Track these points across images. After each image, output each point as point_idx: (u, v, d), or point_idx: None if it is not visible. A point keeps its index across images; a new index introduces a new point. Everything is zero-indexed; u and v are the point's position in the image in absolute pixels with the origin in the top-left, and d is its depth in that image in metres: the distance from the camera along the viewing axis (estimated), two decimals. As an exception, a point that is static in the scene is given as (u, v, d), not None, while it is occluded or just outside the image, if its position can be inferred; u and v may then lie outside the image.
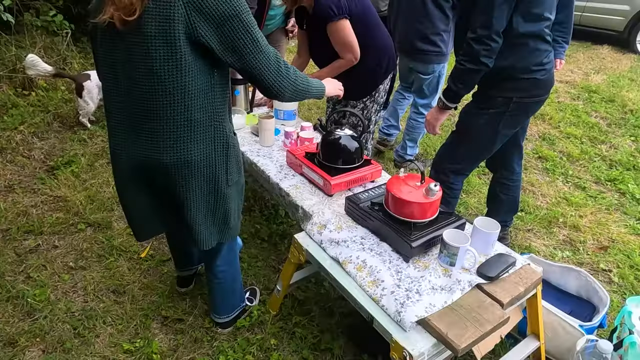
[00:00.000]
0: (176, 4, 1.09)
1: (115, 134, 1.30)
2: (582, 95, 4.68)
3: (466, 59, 1.66)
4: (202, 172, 1.31)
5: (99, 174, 2.81)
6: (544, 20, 1.70)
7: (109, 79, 1.24)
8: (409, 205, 1.44)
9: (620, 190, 2.98)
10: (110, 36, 1.18)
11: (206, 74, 1.21)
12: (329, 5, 1.96)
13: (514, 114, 1.84)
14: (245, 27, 1.15)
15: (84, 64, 4.25)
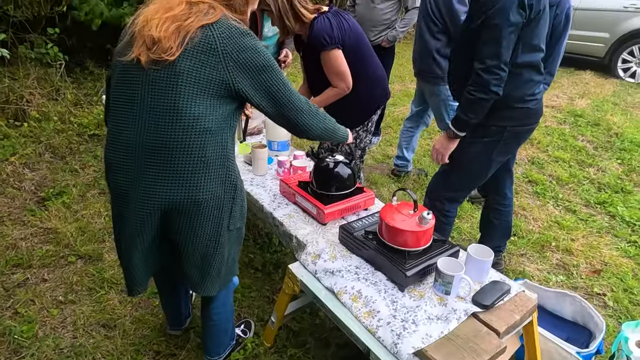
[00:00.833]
0: (215, 53, 1.17)
1: (119, 170, 1.26)
2: (568, 119, 4.79)
3: (476, 89, 1.68)
4: (209, 212, 1.28)
5: (90, 205, 2.78)
6: (539, 52, 1.76)
7: (123, 114, 1.24)
8: (403, 234, 1.45)
9: (610, 213, 3.01)
10: (133, 71, 1.21)
11: (226, 116, 1.25)
12: (322, 34, 2.00)
13: (507, 142, 1.88)
14: (277, 76, 1.27)
15: (77, 94, 4.27)
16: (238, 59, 1.20)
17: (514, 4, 1.57)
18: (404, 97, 5.32)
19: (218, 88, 1.20)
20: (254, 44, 1.23)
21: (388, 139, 4.12)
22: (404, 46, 7.53)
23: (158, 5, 1.21)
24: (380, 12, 3.39)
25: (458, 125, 1.81)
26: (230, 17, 1.23)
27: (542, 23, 1.71)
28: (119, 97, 1.25)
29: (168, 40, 1.15)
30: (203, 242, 1.32)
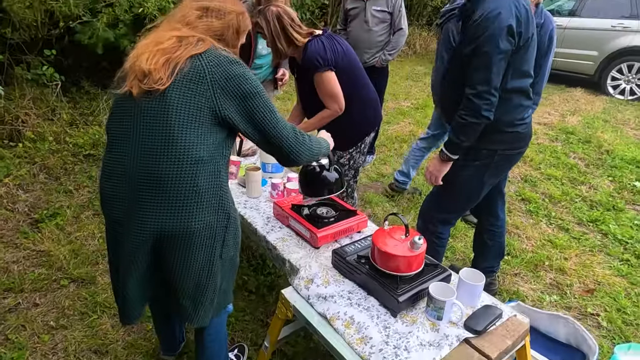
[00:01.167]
0: (204, 80, 1.20)
1: (114, 201, 1.27)
2: (560, 136, 4.85)
3: (468, 114, 1.72)
4: (202, 242, 1.28)
5: (84, 226, 2.78)
6: (528, 77, 1.81)
7: (118, 145, 1.26)
8: (395, 259, 1.46)
9: (602, 231, 3.04)
10: (126, 104, 1.24)
11: (217, 144, 1.26)
12: (315, 56, 2.04)
13: (498, 165, 1.91)
14: (264, 103, 1.28)
15: (72, 114, 4.29)
16: (225, 86, 1.22)
17: (504, 32, 1.62)
18: (398, 115, 5.38)
19: (207, 116, 1.22)
20: (242, 71, 1.26)
21: (382, 158, 4.15)
22: (397, 64, 7.65)
23: (149, 40, 1.25)
24: (375, 34, 3.45)
25: (451, 148, 1.84)
26: (219, 47, 1.27)
27: (531, 50, 1.76)
28: (114, 129, 1.27)
29: (158, 72, 1.18)
30: (196, 272, 1.32)
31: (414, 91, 6.47)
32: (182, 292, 1.34)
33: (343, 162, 2.33)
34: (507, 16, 1.61)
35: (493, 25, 1.61)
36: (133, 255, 1.28)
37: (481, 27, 1.64)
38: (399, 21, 3.46)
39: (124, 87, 1.23)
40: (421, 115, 5.38)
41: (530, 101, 1.86)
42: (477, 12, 1.67)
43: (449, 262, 2.65)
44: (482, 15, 1.64)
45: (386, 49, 3.52)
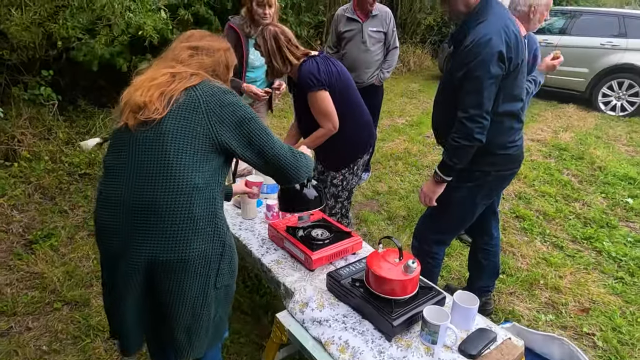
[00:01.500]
0: (199, 110, 1.24)
1: (110, 232, 1.27)
2: (553, 153, 4.90)
3: (460, 137, 1.74)
4: (196, 270, 1.28)
5: (78, 247, 2.76)
6: (519, 101, 1.84)
7: (113, 176, 1.27)
8: (390, 283, 1.46)
9: (596, 249, 3.05)
10: (122, 136, 1.27)
11: (213, 171, 1.29)
12: (308, 76, 2.08)
13: (491, 186, 1.94)
14: (259, 126, 1.32)
15: (69, 133, 4.31)
16: (221, 114, 1.27)
17: (494, 58, 1.65)
18: (392, 132, 5.43)
19: (204, 143, 1.25)
20: (235, 100, 1.31)
21: (378, 175, 4.18)
22: (392, 81, 7.74)
23: (144, 77, 1.30)
24: (372, 54, 3.51)
25: (444, 170, 1.86)
26: (212, 80, 1.32)
27: (521, 75, 1.80)
28: (110, 161, 1.29)
29: (154, 103, 1.21)
30: (191, 301, 1.31)
31: (409, 108, 6.54)
32: (177, 322, 1.33)
33: (336, 182, 2.35)
34: (497, 42, 1.65)
35: (484, 51, 1.65)
36: (128, 282, 1.28)
37: (473, 52, 1.68)
38: (393, 40, 3.53)
39: (120, 122, 1.26)
40: (416, 132, 5.43)
41: (521, 124, 1.89)
42: (469, 38, 1.71)
43: (444, 282, 2.65)
44: (474, 41, 1.68)
45: (383, 67, 3.58)
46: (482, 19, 1.71)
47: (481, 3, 1.74)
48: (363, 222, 3.32)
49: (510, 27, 1.70)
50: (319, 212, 2.09)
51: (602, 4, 13.81)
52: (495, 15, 1.71)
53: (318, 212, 2.08)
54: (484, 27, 1.69)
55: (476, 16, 1.73)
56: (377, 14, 3.43)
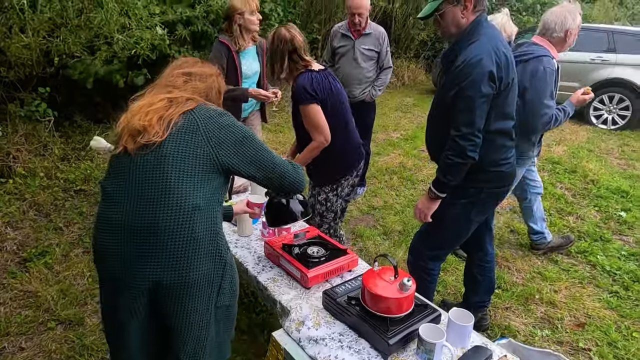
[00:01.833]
0: (199, 132, 1.27)
1: (111, 256, 1.27)
2: (547, 166, 4.95)
3: (453, 154, 1.77)
4: (200, 291, 1.29)
5: (73, 265, 2.75)
6: (511, 119, 1.88)
7: (113, 201, 1.28)
8: (385, 301, 1.47)
9: (590, 262, 3.07)
10: (121, 160, 1.29)
11: (214, 191, 1.31)
12: (301, 88, 2.12)
13: (484, 202, 1.96)
14: (257, 143, 1.37)
15: (64, 149, 4.31)
16: (219, 136, 1.31)
17: (485, 77, 1.69)
18: (387, 146, 5.47)
19: (204, 164, 1.28)
20: (231, 121, 1.36)
21: (373, 190, 4.20)
22: (386, 95, 7.83)
23: (142, 103, 1.33)
24: (364, 70, 3.56)
25: (438, 187, 1.88)
26: (207, 103, 1.37)
27: (512, 94, 1.84)
28: (109, 185, 1.30)
29: (153, 127, 1.24)
30: (197, 321, 1.31)
31: (403, 122, 6.60)
32: (183, 342, 1.32)
33: (320, 200, 2.36)
34: (488, 63, 1.69)
35: (475, 71, 1.69)
36: (132, 306, 1.28)
37: (464, 72, 1.72)
38: (387, 60, 3.59)
39: (118, 147, 1.28)
40: (410, 146, 5.47)
41: (513, 142, 1.92)
42: (460, 58, 1.75)
43: (440, 297, 2.65)
44: (465, 61, 1.72)
45: (375, 84, 3.63)
46: (474, 39, 1.75)
47: (472, 24, 1.78)
48: (359, 238, 3.33)
49: (500, 48, 1.75)
50: (315, 230, 2.10)
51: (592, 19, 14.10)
52: (486, 36, 1.75)
53: (314, 229, 2.09)
54: (475, 47, 1.73)
55: (467, 37, 1.77)
56: (370, 32, 3.49)
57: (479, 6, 1.77)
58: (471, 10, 1.76)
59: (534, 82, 2.44)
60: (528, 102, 2.46)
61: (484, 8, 1.80)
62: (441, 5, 1.78)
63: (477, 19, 1.77)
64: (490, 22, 1.85)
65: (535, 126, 2.50)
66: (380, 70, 3.62)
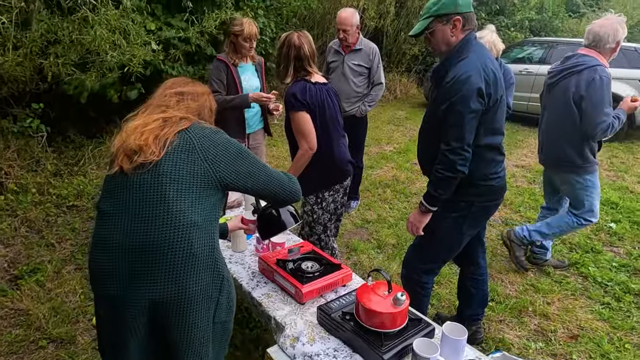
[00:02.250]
0: (195, 151, 1.30)
1: (108, 277, 1.27)
2: (537, 178, 5.00)
3: (444, 168, 1.81)
4: (199, 307, 1.29)
5: (65, 282, 2.72)
6: (500, 135, 1.92)
7: (110, 221, 1.28)
8: (379, 316, 1.48)
9: (582, 274, 3.10)
10: (117, 180, 1.30)
11: (212, 207, 1.33)
12: (291, 95, 2.17)
13: (475, 216, 1.99)
14: (251, 158, 1.40)
15: (57, 164, 4.30)
16: (216, 154, 1.33)
17: (474, 94, 1.74)
18: (380, 159, 5.51)
19: (202, 181, 1.31)
20: (225, 138, 1.39)
21: (367, 203, 4.22)
22: (379, 109, 7.91)
23: (136, 123, 1.34)
24: (353, 85, 3.61)
25: (430, 200, 1.91)
26: (200, 122, 1.40)
27: (500, 110, 1.88)
28: (105, 206, 1.31)
29: (150, 147, 1.26)
30: (197, 337, 1.31)
31: (396, 135, 6.66)
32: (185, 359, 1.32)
33: (307, 210, 2.39)
34: (476, 79, 1.73)
35: (464, 87, 1.73)
36: (132, 326, 1.28)
37: (453, 88, 1.76)
38: (377, 76, 3.63)
39: (114, 166, 1.29)
40: (403, 159, 5.52)
41: (503, 156, 1.96)
42: (450, 74, 1.80)
43: (435, 310, 2.66)
44: (454, 78, 1.76)
45: (365, 100, 3.67)
46: (463, 56, 1.80)
47: (461, 42, 1.83)
48: (353, 251, 3.33)
49: (489, 65, 1.79)
50: (309, 244, 2.10)
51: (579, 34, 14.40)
52: (475, 53, 1.80)
53: (308, 244, 2.10)
54: (464, 64, 1.77)
55: (457, 54, 1.82)
56: (361, 48, 3.55)
57: (468, 25, 1.82)
58: (460, 29, 1.81)
59: (590, 92, 2.52)
60: (585, 111, 2.55)
61: (473, 27, 1.85)
62: (431, 24, 1.83)
63: (466, 37, 1.82)
64: (479, 40, 1.90)
65: (594, 134, 2.58)
66: (372, 86, 3.67)
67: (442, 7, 1.79)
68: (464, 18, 1.79)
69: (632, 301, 2.79)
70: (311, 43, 2.25)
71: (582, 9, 16.18)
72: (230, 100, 2.85)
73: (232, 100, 2.85)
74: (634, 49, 6.59)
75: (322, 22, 7.66)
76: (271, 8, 5.76)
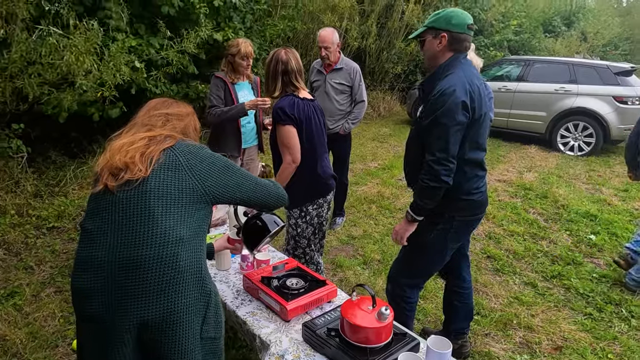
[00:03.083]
0: (181, 167, 1.32)
1: (92, 296, 1.24)
2: (519, 192, 5.11)
3: (429, 178, 1.85)
4: (187, 323, 1.28)
5: (44, 305, 2.65)
6: (483, 151, 1.98)
7: (94, 239, 1.27)
8: (364, 331, 1.48)
9: (565, 286, 3.15)
10: (102, 198, 1.29)
11: (200, 221, 1.34)
12: (279, 109, 2.21)
13: (457, 230, 2.02)
14: (238, 170, 1.45)
15: (37, 185, 4.22)
16: (202, 169, 1.36)
17: (459, 107, 1.80)
18: (365, 176, 5.55)
19: (191, 196, 1.32)
20: (210, 153, 1.42)
21: (352, 219, 4.23)
22: (363, 126, 8.01)
23: (122, 142, 1.36)
24: (336, 103, 3.67)
25: (415, 210, 1.95)
26: (185, 139, 1.42)
27: (485, 125, 1.94)
28: (89, 225, 1.30)
29: (136, 164, 1.27)
30: (186, 353, 1.30)
31: (380, 152, 6.74)
32: None
33: (291, 223, 2.40)
34: (461, 93, 1.80)
35: (449, 100, 1.80)
36: (119, 347, 1.25)
37: (439, 101, 1.82)
38: (359, 94, 3.70)
39: (99, 185, 1.29)
40: (388, 175, 5.57)
41: (484, 172, 2.02)
42: (436, 88, 1.87)
43: (421, 325, 2.66)
44: (440, 91, 1.83)
45: (349, 118, 3.73)
46: (449, 72, 1.88)
47: (450, 59, 1.91)
48: (339, 268, 3.33)
49: (475, 82, 1.86)
50: (294, 261, 2.10)
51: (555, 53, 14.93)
52: (462, 70, 1.87)
53: (292, 261, 2.10)
54: (450, 79, 1.84)
55: (444, 70, 1.90)
56: (342, 67, 3.62)
57: (455, 45, 1.89)
58: (446, 46, 1.89)
59: None
60: None
61: (461, 48, 1.91)
62: (424, 32, 1.95)
63: (455, 56, 1.91)
64: (468, 61, 1.96)
65: None
66: (354, 104, 3.73)
67: (436, 21, 1.90)
68: (452, 37, 1.87)
69: (613, 311, 2.84)
70: (298, 59, 2.32)
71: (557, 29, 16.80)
72: (228, 110, 2.95)
73: (230, 110, 2.94)
74: (606, 66, 6.85)
75: (306, 41, 7.79)
76: (253, 30, 5.83)
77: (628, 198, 4.96)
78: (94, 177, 1.36)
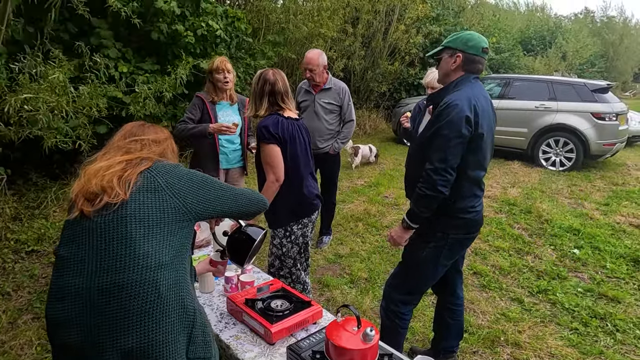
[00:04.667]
0: (160, 188, 1.31)
1: (70, 326, 1.20)
2: (504, 208, 5.17)
3: (425, 186, 1.88)
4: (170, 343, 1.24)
5: (21, 333, 2.56)
6: (483, 170, 2.01)
7: (71, 266, 1.23)
8: (349, 353, 1.45)
9: (550, 301, 3.16)
10: (79, 224, 1.26)
11: (182, 241, 1.31)
12: (263, 127, 2.22)
13: (451, 247, 2.04)
14: (215, 182, 1.45)
15: (17, 207, 4.13)
16: (182, 187, 1.35)
17: (462, 120, 1.84)
18: (352, 193, 5.56)
19: (173, 216, 1.30)
20: (186, 170, 1.43)
21: (339, 238, 4.22)
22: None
23: (98, 166, 1.34)
24: (325, 123, 3.69)
25: (411, 217, 1.98)
26: (161, 159, 1.42)
27: (489, 142, 1.98)
28: (65, 252, 1.26)
29: (114, 189, 1.25)
30: None
31: (367, 170, 6.78)
32: None
33: (276, 243, 2.39)
34: (464, 108, 1.85)
35: (453, 112, 1.84)
36: None
37: (444, 113, 1.87)
38: (348, 113, 3.73)
39: (75, 211, 1.26)
40: (374, 192, 5.59)
41: (482, 192, 2.05)
42: (443, 102, 1.92)
43: (409, 344, 2.63)
44: (445, 104, 1.88)
45: (338, 138, 3.75)
46: (457, 89, 1.94)
47: (460, 77, 1.97)
48: (326, 287, 3.29)
49: (481, 101, 1.91)
50: (279, 282, 2.07)
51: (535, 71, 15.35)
52: (470, 88, 1.93)
53: (277, 282, 2.07)
54: (456, 94, 1.90)
55: (454, 86, 1.96)
56: (330, 87, 3.66)
57: (468, 66, 1.96)
58: (460, 65, 1.96)
59: None
60: None
61: (475, 70, 1.97)
62: (441, 52, 2.02)
63: (465, 75, 1.96)
64: (478, 81, 2.01)
65: None
66: (343, 124, 3.76)
67: (454, 41, 1.97)
68: (466, 57, 1.94)
69: (599, 325, 2.85)
70: (285, 80, 2.35)
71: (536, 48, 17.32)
72: (192, 128, 2.97)
73: (193, 128, 2.96)
74: (583, 84, 7.06)
75: (291, 62, 7.88)
76: (238, 57, 5.87)
77: (609, 212, 5.05)
78: (68, 204, 1.33)
